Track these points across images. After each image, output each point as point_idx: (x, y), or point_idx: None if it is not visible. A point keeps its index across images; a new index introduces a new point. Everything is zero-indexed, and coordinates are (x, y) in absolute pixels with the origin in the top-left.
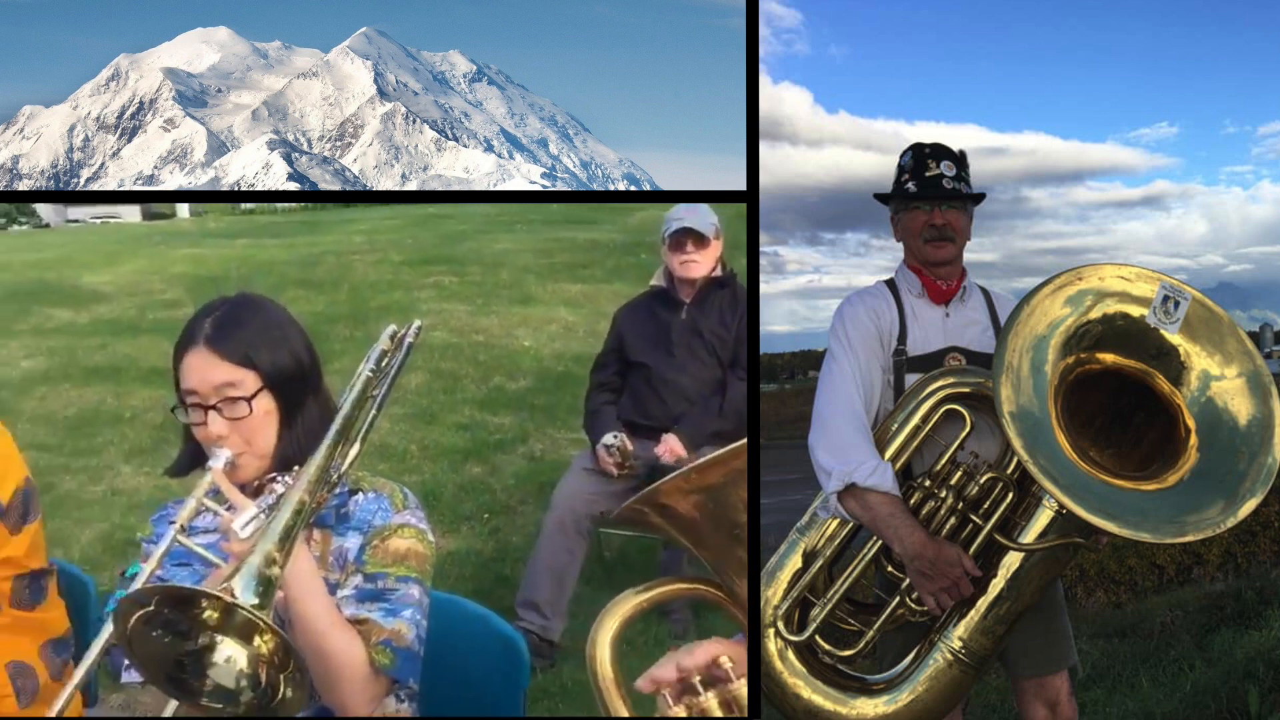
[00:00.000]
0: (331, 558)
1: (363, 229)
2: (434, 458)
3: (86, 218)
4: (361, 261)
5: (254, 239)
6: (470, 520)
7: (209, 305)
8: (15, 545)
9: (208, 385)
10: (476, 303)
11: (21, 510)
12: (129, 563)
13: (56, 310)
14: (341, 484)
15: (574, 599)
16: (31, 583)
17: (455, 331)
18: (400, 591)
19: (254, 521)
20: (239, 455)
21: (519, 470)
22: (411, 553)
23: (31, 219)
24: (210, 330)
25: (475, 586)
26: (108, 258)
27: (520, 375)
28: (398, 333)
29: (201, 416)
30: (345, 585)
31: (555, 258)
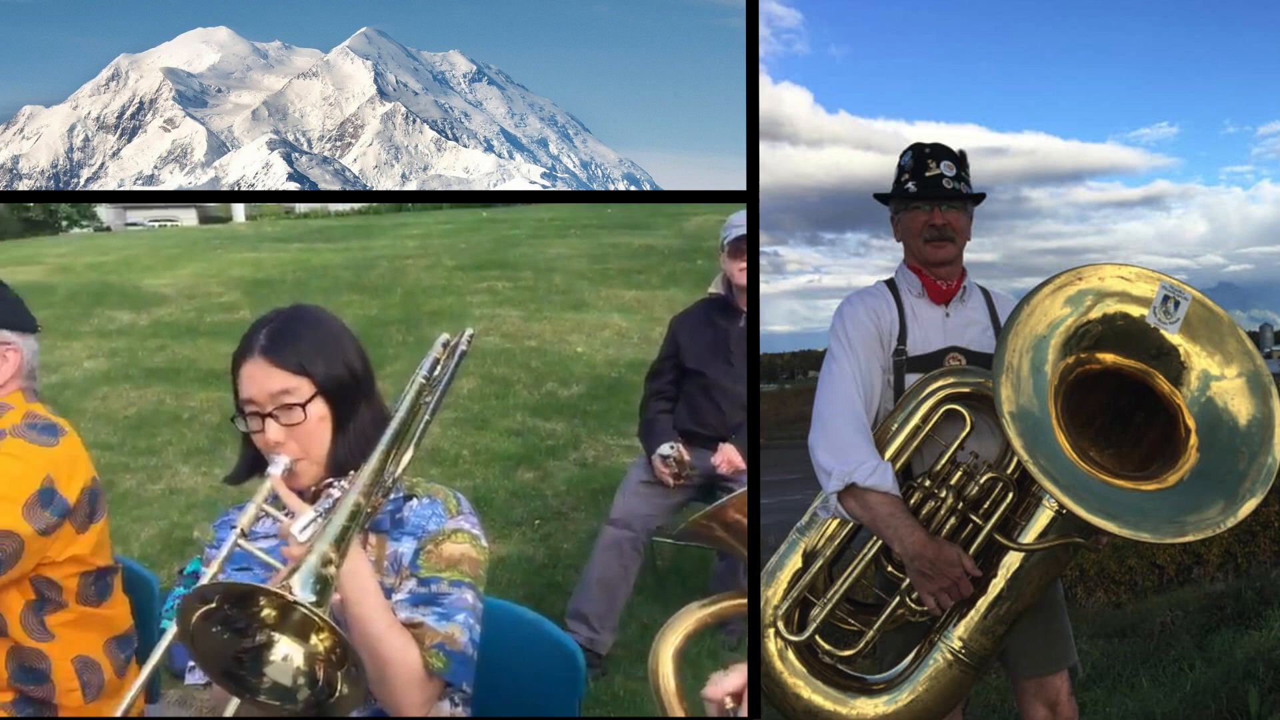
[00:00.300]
0: (387, 563)
1: (416, 233)
2: (486, 463)
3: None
4: (414, 266)
5: (308, 243)
6: (521, 526)
7: (265, 317)
8: (82, 543)
9: (264, 394)
10: (529, 308)
11: (88, 510)
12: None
13: (118, 312)
14: (396, 489)
15: (625, 610)
16: (97, 580)
17: (508, 337)
18: (453, 596)
19: (311, 526)
20: (296, 462)
21: (571, 476)
22: (465, 558)
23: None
24: (265, 341)
25: (526, 592)
26: (167, 261)
27: (573, 381)
28: (450, 341)
29: (259, 424)
30: (400, 590)
31: (609, 263)
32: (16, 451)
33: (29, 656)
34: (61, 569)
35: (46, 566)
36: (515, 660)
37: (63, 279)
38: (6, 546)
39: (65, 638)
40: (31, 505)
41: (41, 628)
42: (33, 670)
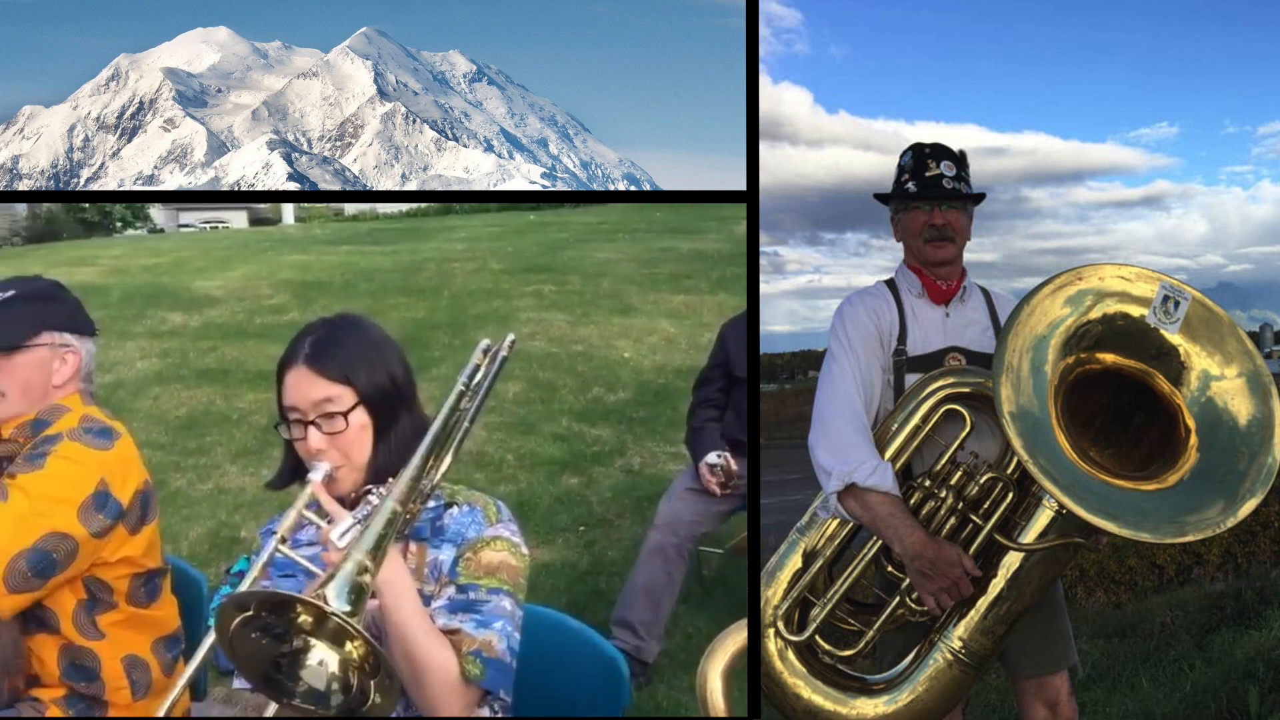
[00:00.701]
0: (427, 570)
1: (463, 236)
2: (530, 468)
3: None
4: (461, 269)
5: (357, 246)
6: (565, 532)
7: (309, 326)
8: (133, 545)
9: (307, 402)
10: (576, 312)
11: (140, 512)
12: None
13: (170, 314)
14: (435, 496)
15: (670, 618)
16: (147, 581)
17: (554, 341)
18: (491, 603)
19: (350, 532)
20: (337, 469)
21: (616, 483)
22: (503, 565)
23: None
24: (309, 349)
25: (569, 599)
26: (219, 263)
27: (619, 387)
28: (491, 347)
29: (302, 432)
30: (439, 596)
31: (658, 268)
32: (73, 455)
33: (80, 655)
34: (113, 570)
35: (99, 567)
36: (559, 670)
37: (118, 280)
38: (62, 547)
39: (115, 637)
40: (86, 508)
41: (92, 627)
42: (83, 668)
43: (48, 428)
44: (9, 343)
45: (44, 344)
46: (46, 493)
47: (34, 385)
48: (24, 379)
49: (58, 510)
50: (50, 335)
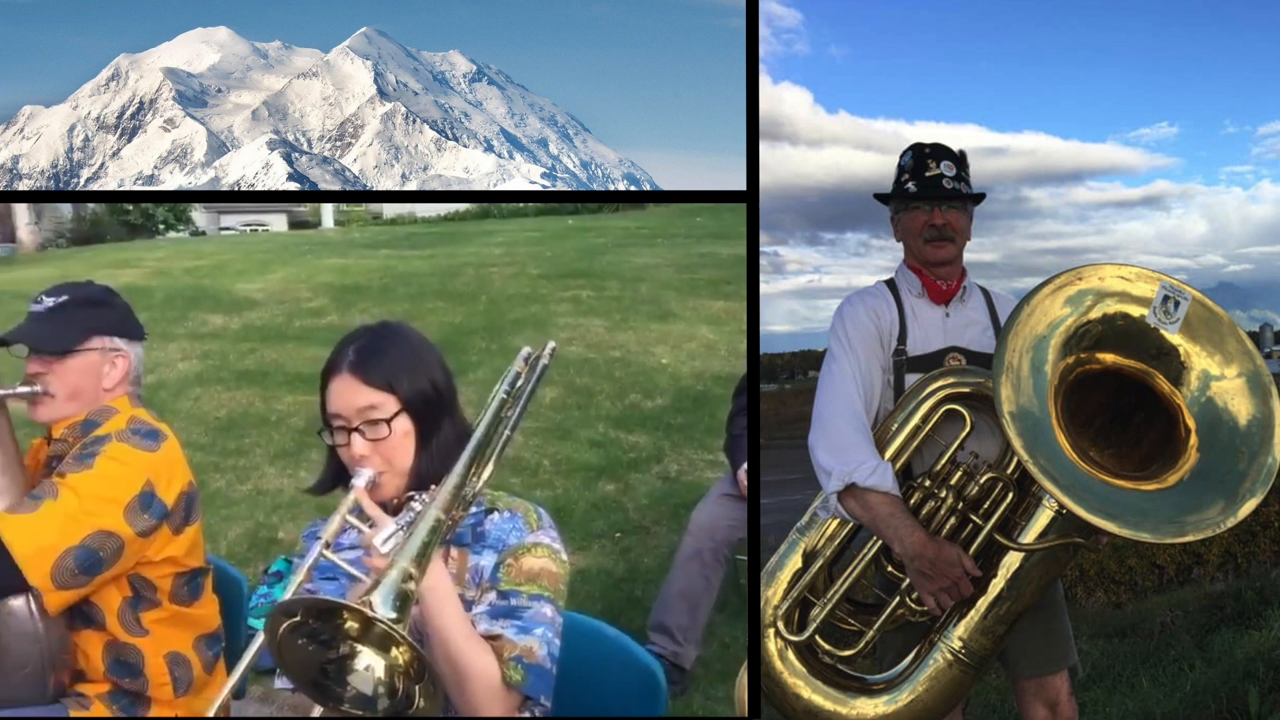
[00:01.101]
0: (468, 575)
1: (501, 241)
2: (566, 474)
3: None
4: (499, 274)
5: (395, 250)
6: (601, 539)
7: (353, 333)
8: (177, 545)
9: (351, 409)
10: (614, 318)
11: (184, 513)
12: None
13: (211, 316)
14: (477, 503)
15: (707, 624)
16: (190, 580)
17: (591, 347)
18: (532, 609)
19: (393, 538)
20: (380, 475)
21: (653, 490)
22: (544, 572)
23: (188, 226)
24: (353, 357)
25: (605, 606)
26: (259, 266)
27: (657, 393)
28: (531, 354)
29: (345, 438)
30: (480, 602)
31: (697, 274)
32: (120, 456)
33: (124, 651)
34: (157, 569)
35: (143, 566)
36: (596, 677)
37: (160, 282)
38: (108, 546)
39: (158, 634)
40: (132, 508)
41: (137, 624)
42: (127, 664)
43: (97, 429)
44: (61, 347)
45: (95, 348)
46: (95, 492)
47: (84, 388)
48: (75, 382)
49: (105, 509)
50: (101, 340)
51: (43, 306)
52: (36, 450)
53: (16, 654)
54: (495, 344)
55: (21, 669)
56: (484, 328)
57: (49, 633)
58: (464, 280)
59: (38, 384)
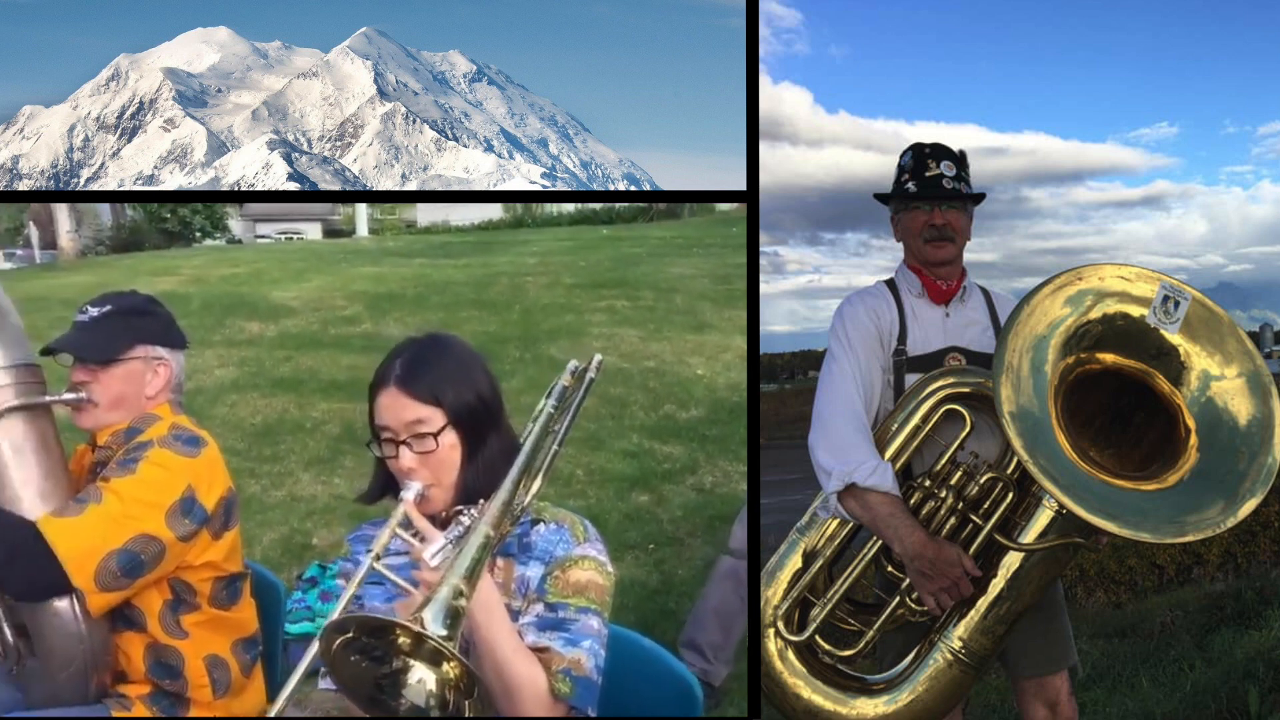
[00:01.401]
0: (514, 585)
1: (536, 250)
2: (600, 484)
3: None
4: (534, 283)
5: (430, 259)
6: (635, 550)
7: (400, 346)
8: (216, 550)
9: (399, 422)
10: (649, 328)
11: (224, 518)
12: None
13: (247, 323)
14: (524, 515)
15: (740, 643)
16: (229, 585)
17: (626, 357)
18: (580, 622)
19: (442, 551)
20: (428, 488)
21: (687, 502)
22: (591, 584)
23: (224, 234)
24: (401, 371)
25: (638, 618)
26: (295, 274)
27: (692, 404)
28: (579, 367)
29: (393, 450)
30: (527, 613)
31: (733, 284)
32: (162, 461)
33: (164, 653)
34: (197, 573)
35: (184, 570)
36: (632, 688)
37: (198, 289)
38: (150, 549)
39: (198, 637)
40: (174, 512)
41: (177, 626)
42: (168, 666)
43: (139, 435)
44: (105, 356)
45: (138, 357)
46: (137, 497)
47: (128, 395)
48: (119, 390)
49: (147, 514)
50: (144, 349)
51: (88, 316)
52: (80, 456)
53: (61, 654)
54: (529, 353)
55: (66, 669)
56: (518, 337)
57: (92, 634)
58: (498, 289)
59: (82, 391)
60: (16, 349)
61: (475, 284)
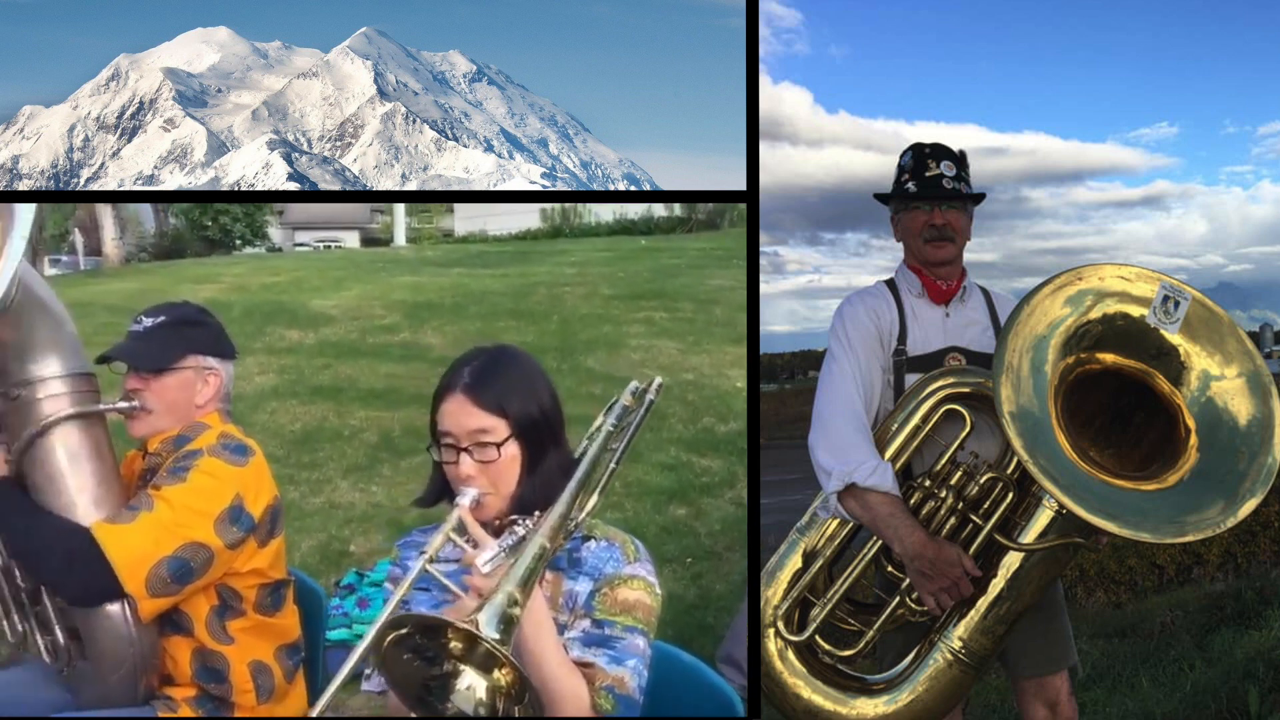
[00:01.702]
0: (561, 600)
1: (574, 260)
2: (637, 496)
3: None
4: (572, 294)
5: (468, 268)
6: (672, 563)
7: (468, 354)
8: (262, 557)
9: (462, 430)
10: (687, 340)
11: (269, 526)
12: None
13: (287, 331)
14: (577, 531)
15: None
16: (273, 591)
17: (664, 369)
18: (626, 641)
19: (495, 559)
20: (484, 495)
21: (726, 516)
22: (640, 604)
23: (264, 241)
24: (469, 379)
25: (675, 632)
26: (334, 282)
27: (731, 417)
28: (639, 388)
29: (454, 456)
30: (573, 628)
31: None
32: (212, 470)
33: (211, 657)
34: (243, 579)
35: (230, 576)
36: (672, 704)
37: (239, 297)
38: (199, 556)
39: (243, 642)
40: (222, 520)
41: (223, 631)
42: (213, 670)
43: (189, 443)
44: (158, 365)
45: (189, 366)
46: (187, 505)
47: (179, 404)
48: (170, 398)
49: (197, 522)
50: (195, 358)
51: (142, 326)
52: (130, 461)
53: (112, 657)
54: (566, 364)
55: (116, 671)
56: (556, 348)
57: (141, 638)
58: (536, 299)
59: (135, 400)
60: (72, 358)
61: (513, 294)
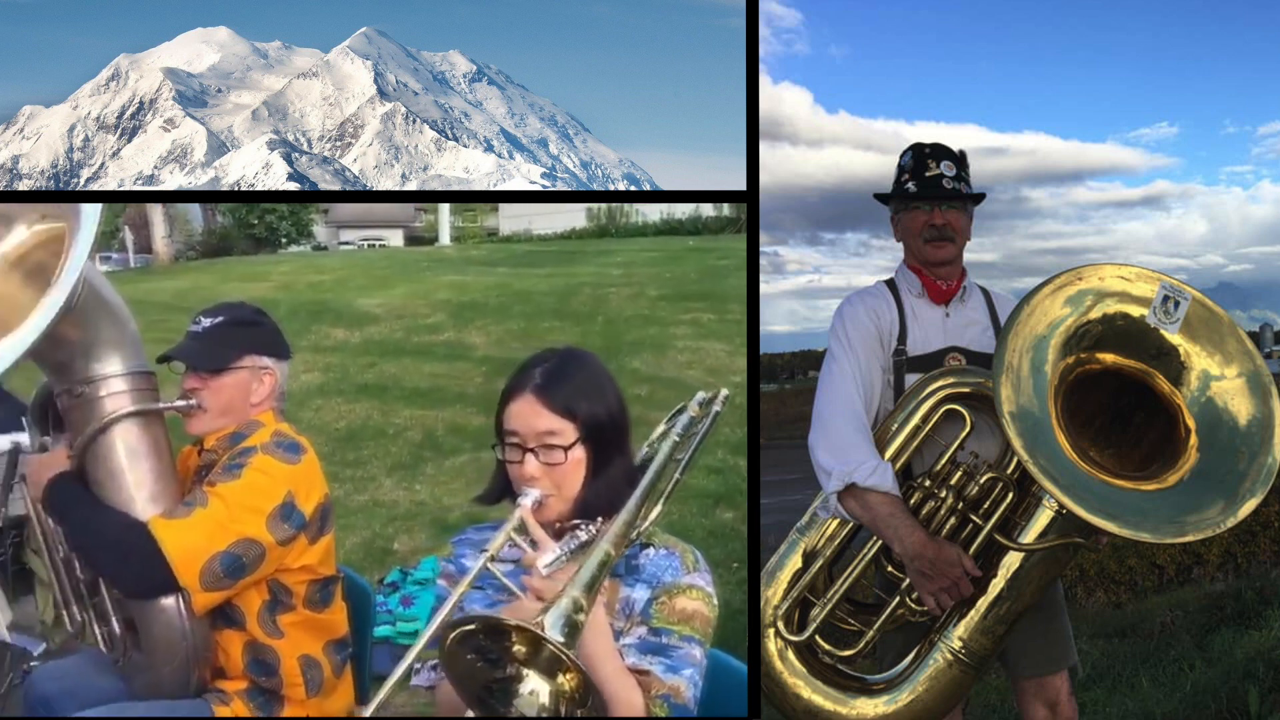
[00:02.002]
0: (618, 606)
1: (620, 261)
2: (683, 499)
3: (356, 241)
4: (618, 295)
5: (513, 268)
6: (719, 567)
7: (539, 355)
8: (312, 554)
9: (530, 430)
10: (735, 342)
11: (320, 524)
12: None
13: (333, 329)
14: (638, 539)
15: None
16: (323, 587)
17: (711, 371)
18: (683, 650)
19: (556, 562)
20: (547, 497)
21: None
22: (697, 614)
23: (309, 240)
24: (540, 380)
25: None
26: (379, 282)
27: None
28: (706, 398)
29: (519, 456)
30: (629, 634)
31: None
32: (265, 467)
33: (262, 651)
34: (294, 575)
35: (281, 572)
36: (720, 708)
37: (285, 295)
38: (251, 552)
39: (293, 637)
40: (274, 517)
41: (274, 626)
42: (264, 663)
43: (244, 441)
44: (216, 365)
45: (246, 366)
46: (241, 501)
47: (235, 403)
48: (227, 397)
49: (250, 518)
50: (252, 358)
51: (200, 326)
52: (186, 457)
53: (165, 649)
54: (611, 365)
55: (169, 663)
56: (600, 348)
57: (195, 631)
58: (581, 300)
59: (194, 398)
60: (134, 356)
61: (558, 294)
